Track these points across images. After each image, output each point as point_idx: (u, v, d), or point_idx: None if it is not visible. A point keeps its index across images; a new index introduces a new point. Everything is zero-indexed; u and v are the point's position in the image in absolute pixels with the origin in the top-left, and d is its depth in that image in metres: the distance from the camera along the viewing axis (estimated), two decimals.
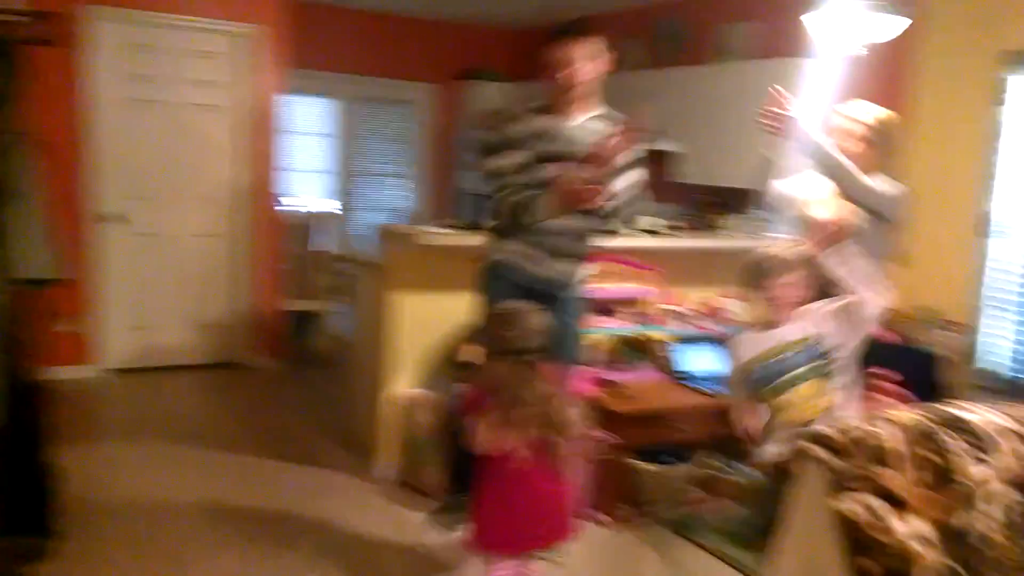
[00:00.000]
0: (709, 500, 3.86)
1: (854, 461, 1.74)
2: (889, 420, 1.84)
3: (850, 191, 2.96)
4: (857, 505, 1.70)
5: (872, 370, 4.07)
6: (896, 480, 1.71)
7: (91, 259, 5.04)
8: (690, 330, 4.22)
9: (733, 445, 3.98)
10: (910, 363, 4.05)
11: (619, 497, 3.66)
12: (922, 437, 1.79)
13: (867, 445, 1.76)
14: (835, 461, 1.76)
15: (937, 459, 1.75)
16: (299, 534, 3.33)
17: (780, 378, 2.68)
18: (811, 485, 1.80)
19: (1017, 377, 3.90)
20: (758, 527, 2.70)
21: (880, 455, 1.75)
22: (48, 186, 2.67)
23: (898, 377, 3.61)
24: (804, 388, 2.66)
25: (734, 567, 3.25)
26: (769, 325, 2.75)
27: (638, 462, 3.70)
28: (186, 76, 5.28)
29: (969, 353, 4.05)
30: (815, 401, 2.67)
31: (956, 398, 3.45)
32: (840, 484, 1.73)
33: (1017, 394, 3.84)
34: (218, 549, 3.17)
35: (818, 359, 2.68)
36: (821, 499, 1.76)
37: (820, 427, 1.84)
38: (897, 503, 1.70)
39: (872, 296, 2.63)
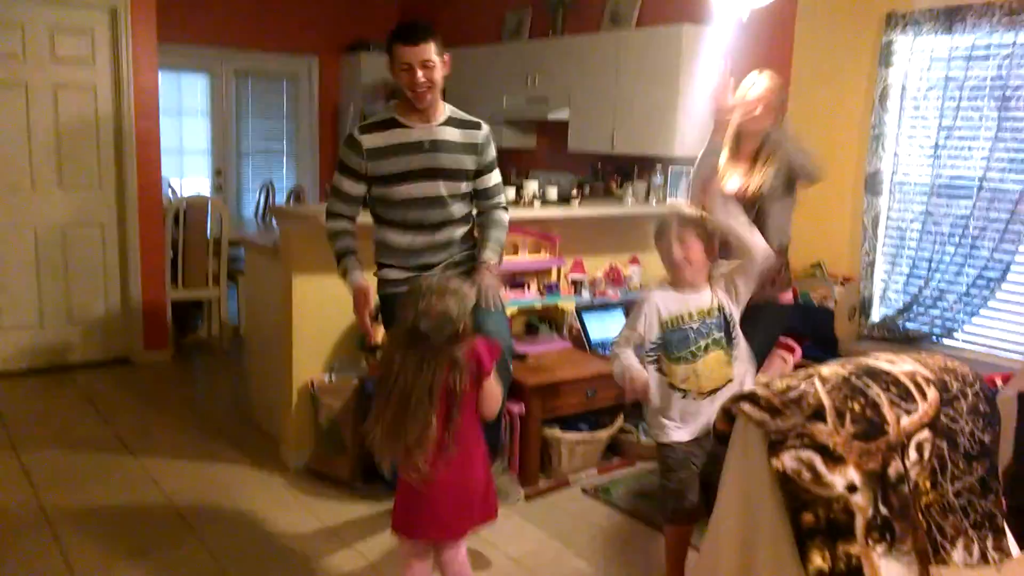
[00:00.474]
0: (624, 464, 3.91)
1: (789, 419, 1.75)
2: (817, 376, 1.86)
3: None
4: (796, 462, 1.71)
5: (781, 336, 4.21)
6: (831, 435, 1.73)
7: None
8: (596, 298, 4.23)
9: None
10: (807, 320, 4.20)
11: (536, 466, 3.65)
12: (852, 391, 1.81)
13: (800, 403, 1.77)
14: (770, 420, 1.76)
15: (869, 412, 1.78)
16: (208, 533, 3.16)
17: (686, 346, 2.60)
18: (747, 445, 1.81)
19: (909, 328, 4.07)
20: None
21: (813, 411, 1.76)
22: None
23: (798, 339, 3.73)
24: (711, 358, 2.60)
25: (652, 526, 3.29)
26: (677, 288, 2.67)
27: (553, 431, 3.70)
28: (50, 54, 4.87)
29: (863, 307, 4.21)
30: (721, 371, 2.61)
31: (853, 352, 3.59)
32: (777, 442, 1.74)
33: (911, 343, 4.02)
34: (115, 559, 2.96)
35: (724, 329, 2.63)
36: (759, 458, 1.77)
37: (751, 388, 1.85)
38: (834, 457, 1.72)
39: (761, 245, 2.61)
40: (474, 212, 3.18)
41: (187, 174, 7.52)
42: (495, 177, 3.15)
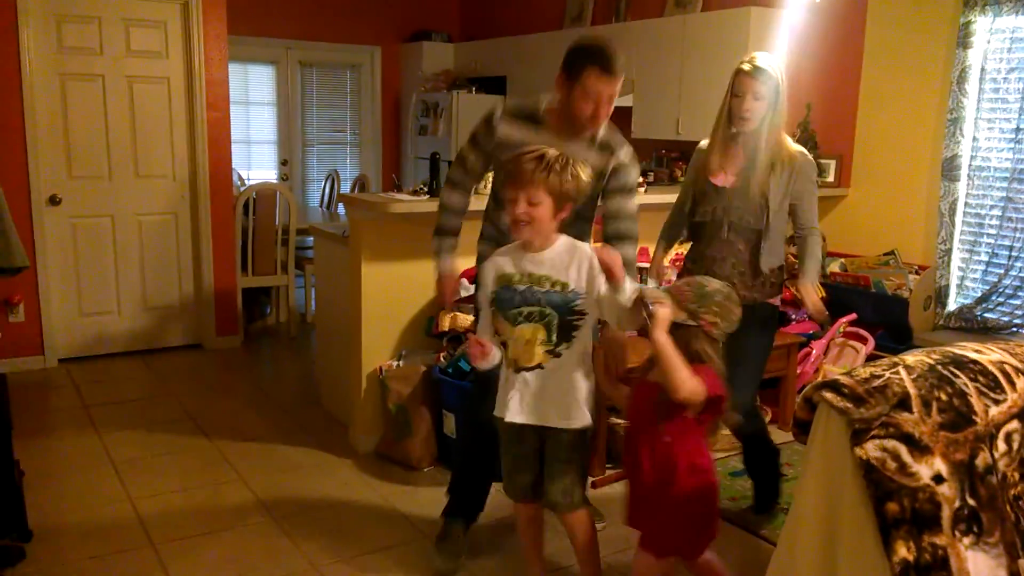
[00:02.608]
0: None
1: (873, 408, 1.72)
2: (902, 365, 1.82)
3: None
4: (880, 451, 1.68)
5: (844, 319, 4.12)
6: (917, 424, 1.70)
7: (36, 245, 4.79)
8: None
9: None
10: (880, 310, 4.11)
11: (602, 455, 3.65)
12: (938, 380, 1.77)
13: (885, 391, 1.74)
14: (853, 409, 1.73)
15: (956, 401, 1.74)
16: (281, 516, 3.23)
17: (509, 306, 2.35)
18: (829, 434, 1.78)
19: (988, 317, 3.96)
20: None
21: (899, 400, 1.73)
22: None
23: (871, 329, 3.65)
24: (527, 330, 2.33)
25: (722, 518, 3.26)
26: (524, 245, 2.37)
27: (619, 420, 3.69)
28: (125, 48, 5.01)
29: (939, 296, 4.10)
30: (532, 350, 2.33)
31: (929, 342, 3.51)
32: (860, 431, 1.71)
33: (989, 334, 3.91)
34: (197, 539, 3.06)
35: (562, 311, 2.32)
36: (841, 447, 1.74)
37: (836, 376, 1.81)
38: (920, 447, 1.68)
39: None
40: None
41: (255, 164, 7.68)
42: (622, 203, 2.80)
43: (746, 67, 2.83)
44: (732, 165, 2.96)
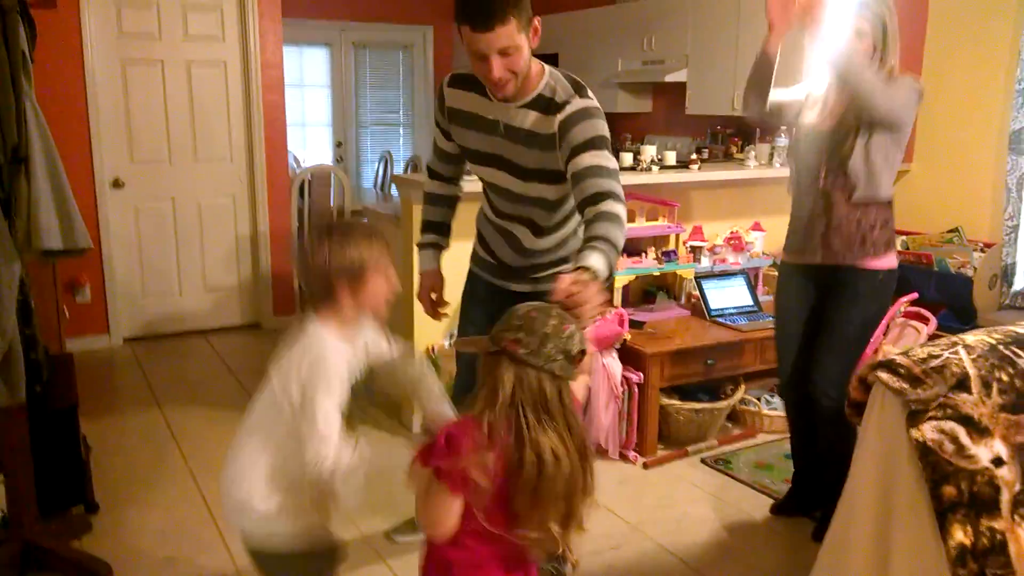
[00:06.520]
0: (745, 435, 3.84)
1: (930, 389, 1.68)
2: (961, 345, 1.77)
3: (874, 108, 2.58)
4: (937, 433, 1.64)
5: (905, 298, 4.01)
6: (977, 405, 1.65)
7: (100, 226, 4.94)
8: (716, 265, 4.14)
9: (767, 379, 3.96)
10: (943, 288, 3.99)
11: (654, 435, 3.63)
12: (1000, 361, 1.72)
13: (943, 372, 1.69)
14: (910, 390, 1.69)
15: (1018, 382, 1.69)
16: None
17: None
18: (884, 415, 1.74)
19: None
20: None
21: (957, 381, 1.68)
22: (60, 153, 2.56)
23: (933, 309, 3.53)
24: None
25: (774, 499, 3.23)
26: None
27: (672, 400, 3.67)
28: (183, 32, 5.11)
29: (1005, 274, 3.97)
30: None
31: (994, 322, 3.40)
32: (917, 413, 1.67)
33: None
34: None
35: None
36: (897, 429, 1.70)
37: (892, 356, 1.77)
38: (979, 429, 1.64)
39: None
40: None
41: (309, 146, 7.77)
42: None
43: None
44: None
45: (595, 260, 1.85)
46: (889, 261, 2.84)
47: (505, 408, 1.44)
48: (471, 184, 2.70)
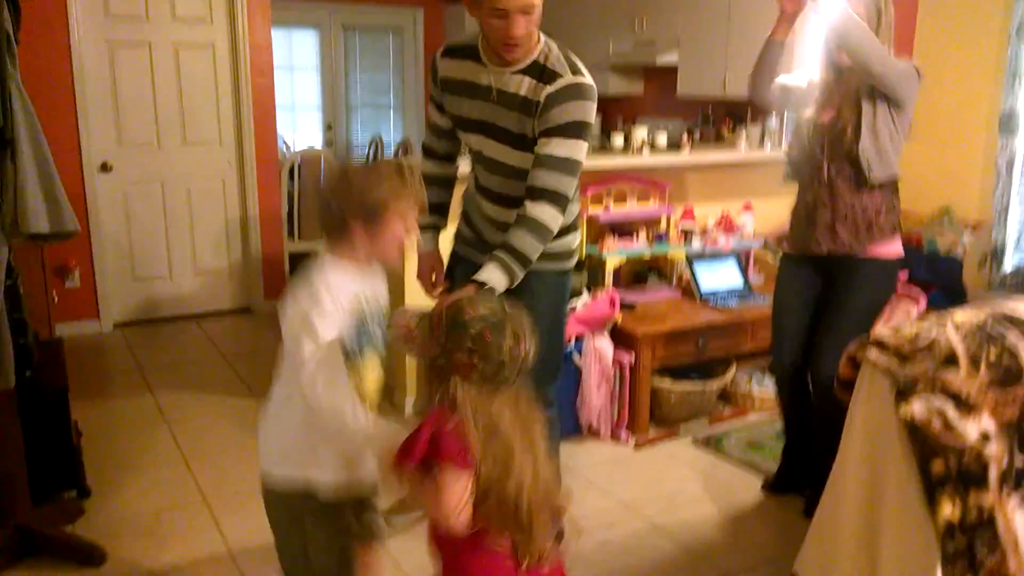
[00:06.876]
0: (736, 414, 3.86)
1: (919, 366, 1.69)
2: (950, 322, 1.78)
3: (871, 67, 2.56)
4: (926, 410, 1.65)
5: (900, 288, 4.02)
6: (965, 382, 1.66)
7: (88, 211, 4.91)
8: (707, 247, 4.15)
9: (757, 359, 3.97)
10: (933, 269, 4.01)
11: (646, 416, 3.65)
12: (988, 338, 1.73)
13: (931, 349, 1.70)
14: (898, 367, 1.70)
15: (1006, 359, 1.70)
16: None
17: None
18: (873, 392, 1.75)
19: None
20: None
21: (945, 358, 1.69)
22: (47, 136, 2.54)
23: (923, 288, 3.55)
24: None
25: (765, 477, 3.25)
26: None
27: (663, 380, 3.68)
28: (170, 13, 5.06)
29: (995, 254, 3.99)
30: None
31: (982, 300, 3.42)
32: (906, 390, 1.68)
33: None
34: (250, 497, 3.13)
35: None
36: (885, 406, 1.71)
37: (880, 333, 1.78)
38: (967, 405, 1.65)
39: None
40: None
41: (299, 129, 7.73)
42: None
43: None
44: None
45: (491, 274, 1.91)
46: (896, 248, 2.86)
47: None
48: (467, 165, 2.68)
